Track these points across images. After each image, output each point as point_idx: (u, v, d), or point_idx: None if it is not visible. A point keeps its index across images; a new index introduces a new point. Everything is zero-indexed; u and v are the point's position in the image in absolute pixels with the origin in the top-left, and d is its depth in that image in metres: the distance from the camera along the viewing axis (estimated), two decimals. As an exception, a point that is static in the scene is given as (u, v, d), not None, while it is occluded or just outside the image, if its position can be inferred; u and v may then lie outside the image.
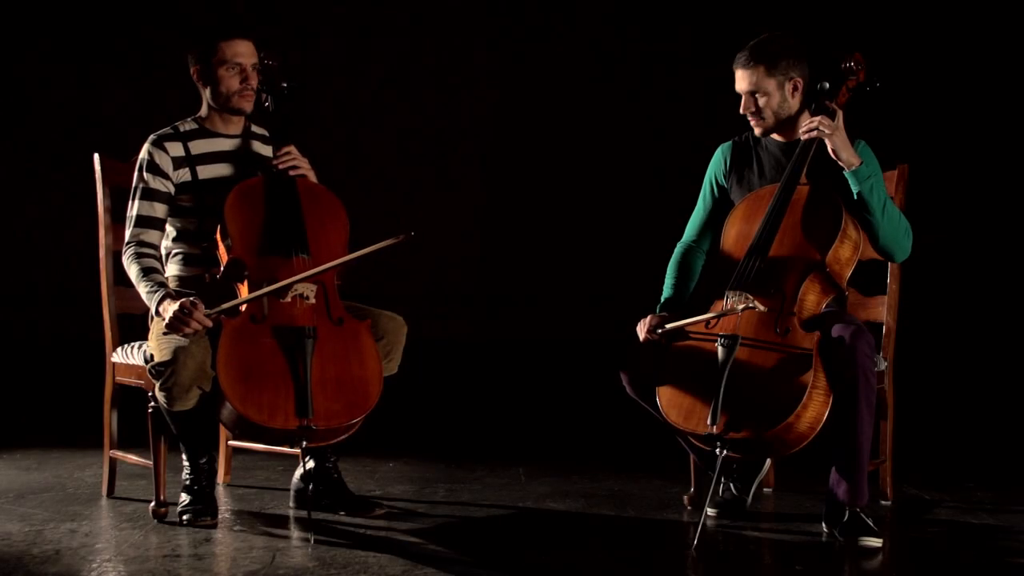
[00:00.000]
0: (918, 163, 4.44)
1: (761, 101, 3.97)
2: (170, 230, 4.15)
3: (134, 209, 4.09)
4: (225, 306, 3.83)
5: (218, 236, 3.99)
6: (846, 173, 3.88)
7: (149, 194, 4.08)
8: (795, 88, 3.98)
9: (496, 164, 7.69)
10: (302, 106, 4.20)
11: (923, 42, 7.18)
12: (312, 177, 4.20)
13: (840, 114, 3.93)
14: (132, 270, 4.02)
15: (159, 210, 4.08)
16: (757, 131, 4.05)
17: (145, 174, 4.08)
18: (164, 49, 7.34)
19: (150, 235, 4.07)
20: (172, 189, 4.09)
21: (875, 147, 4.01)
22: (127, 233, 4.10)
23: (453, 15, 7.65)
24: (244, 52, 4.09)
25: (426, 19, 7.64)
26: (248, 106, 4.15)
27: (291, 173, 4.13)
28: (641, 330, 3.97)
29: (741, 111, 4.02)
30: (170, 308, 3.79)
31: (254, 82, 4.12)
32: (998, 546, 3.86)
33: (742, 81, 3.98)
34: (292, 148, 4.15)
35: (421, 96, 7.67)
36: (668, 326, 3.91)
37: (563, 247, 7.57)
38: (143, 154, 4.10)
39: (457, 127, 7.69)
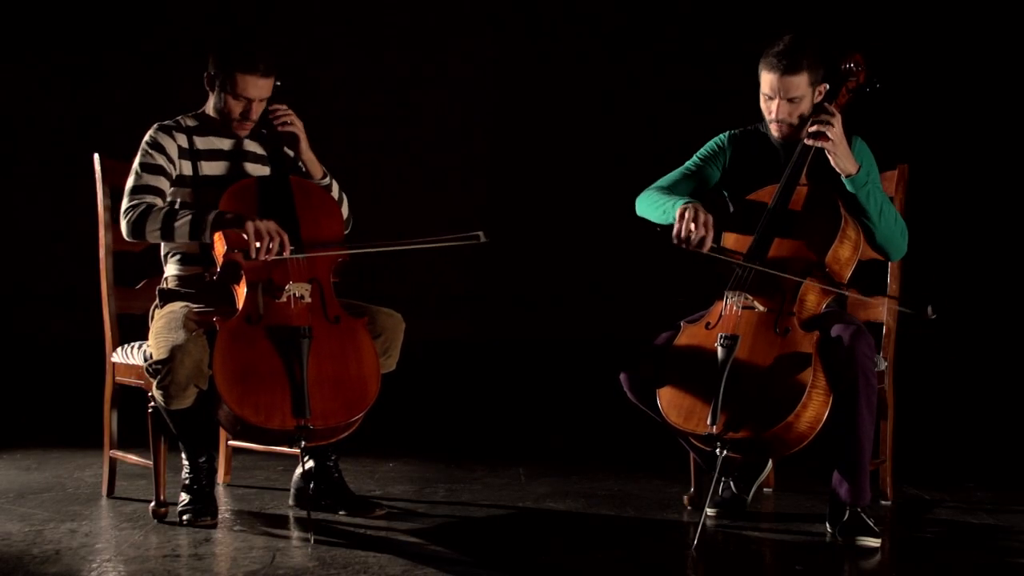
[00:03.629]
0: (918, 163, 4.44)
1: (794, 107, 3.92)
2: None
3: (132, 180, 4.00)
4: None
5: (215, 236, 3.98)
6: (844, 180, 3.87)
7: (152, 168, 4.02)
8: (820, 94, 3.95)
9: (496, 164, 7.68)
10: (296, 102, 4.18)
11: (923, 42, 7.18)
12: (303, 139, 4.15)
13: (839, 118, 3.90)
14: (153, 220, 3.90)
15: (162, 183, 4.02)
16: (778, 135, 4.00)
17: (150, 150, 4.03)
18: (165, 49, 7.35)
19: (152, 199, 3.98)
20: (174, 173, 4.06)
21: (875, 147, 4.00)
22: (124, 201, 3.99)
23: (454, 14, 7.64)
24: (256, 89, 4.03)
25: (427, 18, 7.63)
26: (243, 133, 4.14)
27: (281, 129, 4.11)
28: (690, 226, 3.80)
29: (775, 116, 3.94)
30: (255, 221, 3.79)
31: (255, 116, 4.09)
32: (998, 546, 3.86)
33: (783, 88, 3.89)
34: (286, 107, 4.14)
35: (421, 95, 7.66)
36: (720, 256, 3.83)
37: (563, 247, 7.56)
38: (148, 136, 4.06)
39: (457, 127, 7.68)
